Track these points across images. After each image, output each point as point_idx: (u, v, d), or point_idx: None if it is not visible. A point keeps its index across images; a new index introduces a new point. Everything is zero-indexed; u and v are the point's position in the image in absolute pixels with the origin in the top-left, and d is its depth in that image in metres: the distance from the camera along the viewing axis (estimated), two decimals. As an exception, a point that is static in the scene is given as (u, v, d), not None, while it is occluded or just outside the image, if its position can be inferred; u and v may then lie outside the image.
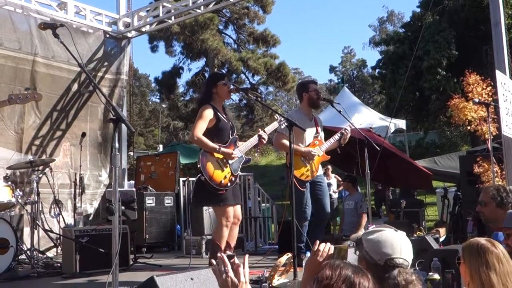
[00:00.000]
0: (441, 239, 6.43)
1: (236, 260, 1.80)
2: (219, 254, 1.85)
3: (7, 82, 6.70)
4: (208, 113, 4.45)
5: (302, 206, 4.96)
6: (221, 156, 4.43)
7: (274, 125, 4.85)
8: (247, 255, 1.89)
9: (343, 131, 5.15)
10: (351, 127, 5.26)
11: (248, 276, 1.79)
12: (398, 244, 1.85)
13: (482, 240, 2.12)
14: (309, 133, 5.18)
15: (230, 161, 4.46)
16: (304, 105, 5.30)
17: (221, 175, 4.39)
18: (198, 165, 4.40)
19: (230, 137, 4.57)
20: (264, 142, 4.58)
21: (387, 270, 1.79)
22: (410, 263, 1.87)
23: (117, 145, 2.77)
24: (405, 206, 7.79)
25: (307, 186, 5.06)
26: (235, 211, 4.57)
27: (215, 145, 4.39)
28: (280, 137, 5.02)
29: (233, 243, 4.59)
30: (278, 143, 5.07)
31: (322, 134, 5.37)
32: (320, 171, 5.31)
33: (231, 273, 1.74)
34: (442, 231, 7.22)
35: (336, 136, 5.19)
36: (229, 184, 4.42)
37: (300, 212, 4.91)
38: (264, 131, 4.62)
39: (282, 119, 4.66)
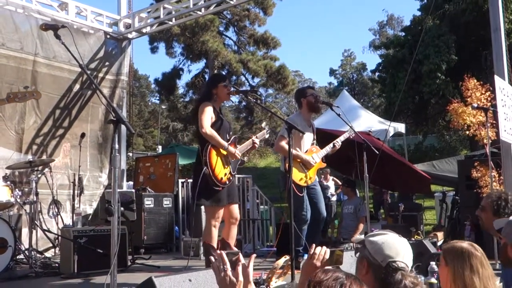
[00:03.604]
0: (439, 243, 6.44)
1: (241, 258, 1.79)
2: (218, 251, 1.86)
3: (9, 82, 6.69)
4: (210, 109, 4.51)
5: (302, 210, 4.97)
6: (225, 153, 4.51)
7: (262, 134, 5.01)
8: (254, 255, 1.90)
9: (335, 143, 5.31)
10: (350, 131, 5.34)
11: (252, 277, 1.78)
12: (401, 249, 1.90)
13: (464, 244, 2.15)
14: (308, 138, 5.20)
15: (231, 160, 4.55)
16: (304, 111, 5.30)
17: (222, 172, 4.46)
18: (204, 157, 4.36)
19: (228, 137, 4.64)
20: (256, 147, 4.83)
21: (389, 271, 1.83)
22: (409, 269, 1.90)
23: (117, 146, 2.79)
24: (403, 209, 7.80)
25: (304, 191, 5.08)
26: (232, 211, 4.60)
27: (224, 142, 4.48)
28: (281, 140, 5.02)
29: (232, 243, 4.61)
30: (279, 146, 5.06)
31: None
32: (315, 177, 5.34)
33: (229, 272, 1.74)
34: (440, 235, 7.23)
35: (331, 145, 5.31)
36: (227, 182, 4.49)
37: (300, 216, 4.92)
38: (257, 137, 4.83)
39: (268, 129, 5.04)
